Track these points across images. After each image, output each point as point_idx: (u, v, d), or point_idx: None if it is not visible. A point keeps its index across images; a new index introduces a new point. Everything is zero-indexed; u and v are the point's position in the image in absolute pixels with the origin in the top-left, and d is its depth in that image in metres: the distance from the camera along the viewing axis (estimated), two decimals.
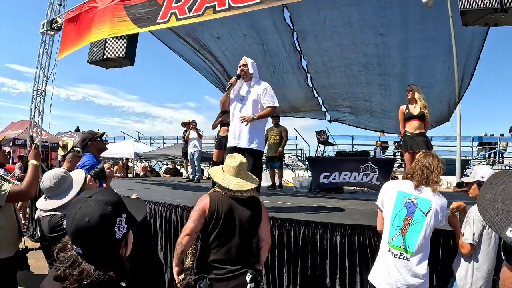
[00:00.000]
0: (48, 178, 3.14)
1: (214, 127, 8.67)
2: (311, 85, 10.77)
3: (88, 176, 3.56)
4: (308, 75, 10.31)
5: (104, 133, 4.92)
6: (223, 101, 5.02)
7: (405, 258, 2.76)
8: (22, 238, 3.40)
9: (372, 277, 2.95)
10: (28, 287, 3.81)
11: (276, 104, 4.82)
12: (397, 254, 2.79)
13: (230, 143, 4.87)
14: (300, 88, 11.05)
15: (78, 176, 3.42)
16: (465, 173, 14.49)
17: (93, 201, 1.42)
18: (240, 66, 4.98)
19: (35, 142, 3.75)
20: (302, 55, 9.59)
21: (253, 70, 4.96)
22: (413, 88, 5.78)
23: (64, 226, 2.56)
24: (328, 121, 12.98)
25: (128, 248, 1.59)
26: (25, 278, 3.46)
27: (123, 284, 1.45)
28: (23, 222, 9.02)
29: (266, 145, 9.82)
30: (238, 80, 4.95)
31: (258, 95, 4.84)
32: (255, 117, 4.68)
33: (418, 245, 2.77)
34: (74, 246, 1.41)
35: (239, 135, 4.79)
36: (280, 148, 9.36)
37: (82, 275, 1.35)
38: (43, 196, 3.19)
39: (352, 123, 13.31)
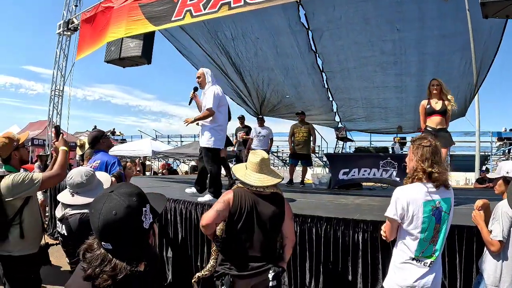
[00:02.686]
0: (79, 174, 3.13)
1: None
2: (326, 86, 10.67)
3: (113, 179, 3.63)
4: (324, 75, 10.21)
5: (114, 130, 5.18)
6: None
7: (432, 263, 2.63)
8: (44, 234, 3.48)
9: (389, 285, 2.78)
10: (49, 284, 3.85)
11: (209, 106, 5.25)
12: (427, 263, 2.63)
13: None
14: (314, 89, 10.97)
15: (106, 177, 3.46)
16: (483, 168, 14.28)
17: (116, 194, 1.41)
18: (196, 79, 5.60)
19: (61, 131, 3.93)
20: (317, 54, 9.50)
21: (208, 78, 5.52)
22: (440, 83, 5.60)
23: None
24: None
25: (155, 238, 1.58)
26: (46, 274, 3.49)
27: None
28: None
29: (293, 142, 9.78)
30: (197, 91, 5.76)
31: (205, 101, 5.41)
32: (192, 120, 5.40)
33: (443, 244, 2.69)
34: (102, 243, 1.38)
35: (199, 136, 5.59)
36: (312, 145, 9.53)
37: (116, 270, 1.33)
38: (68, 191, 3.16)
39: (366, 130, 13.27)
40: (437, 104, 5.52)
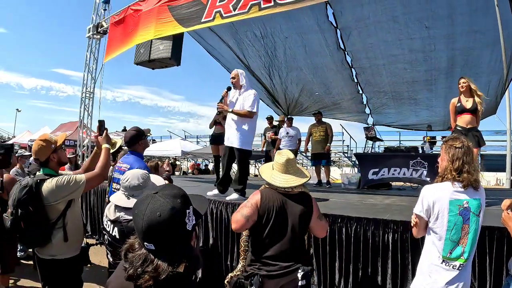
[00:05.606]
0: (136, 177, 3.07)
1: (210, 126, 8.58)
2: (355, 80, 10.66)
3: (167, 182, 3.63)
4: (353, 70, 10.22)
5: (149, 130, 5.09)
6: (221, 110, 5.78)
7: (462, 266, 2.59)
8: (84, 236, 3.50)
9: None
10: (85, 282, 3.95)
11: (254, 110, 5.45)
12: (456, 266, 2.59)
13: (226, 143, 5.75)
14: (344, 83, 10.97)
15: (159, 179, 3.38)
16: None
17: (161, 196, 1.41)
18: (231, 79, 5.71)
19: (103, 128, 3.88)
20: (346, 52, 9.52)
21: (243, 80, 5.68)
22: (467, 80, 5.51)
23: None
24: (371, 124, 12.87)
25: (197, 240, 1.58)
26: (84, 272, 3.53)
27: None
28: None
29: (310, 142, 9.77)
30: (230, 91, 5.80)
31: (243, 100, 5.52)
32: (230, 110, 5.53)
33: (474, 248, 2.64)
34: (145, 243, 1.38)
35: (229, 136, 5.66)
36: (328, 144, 9.38)
37: (157, 271, 1.34)
38: (122, 193, 3.10)
39: (396, 125, 13.22)
40: (467, 102, 5.43)
